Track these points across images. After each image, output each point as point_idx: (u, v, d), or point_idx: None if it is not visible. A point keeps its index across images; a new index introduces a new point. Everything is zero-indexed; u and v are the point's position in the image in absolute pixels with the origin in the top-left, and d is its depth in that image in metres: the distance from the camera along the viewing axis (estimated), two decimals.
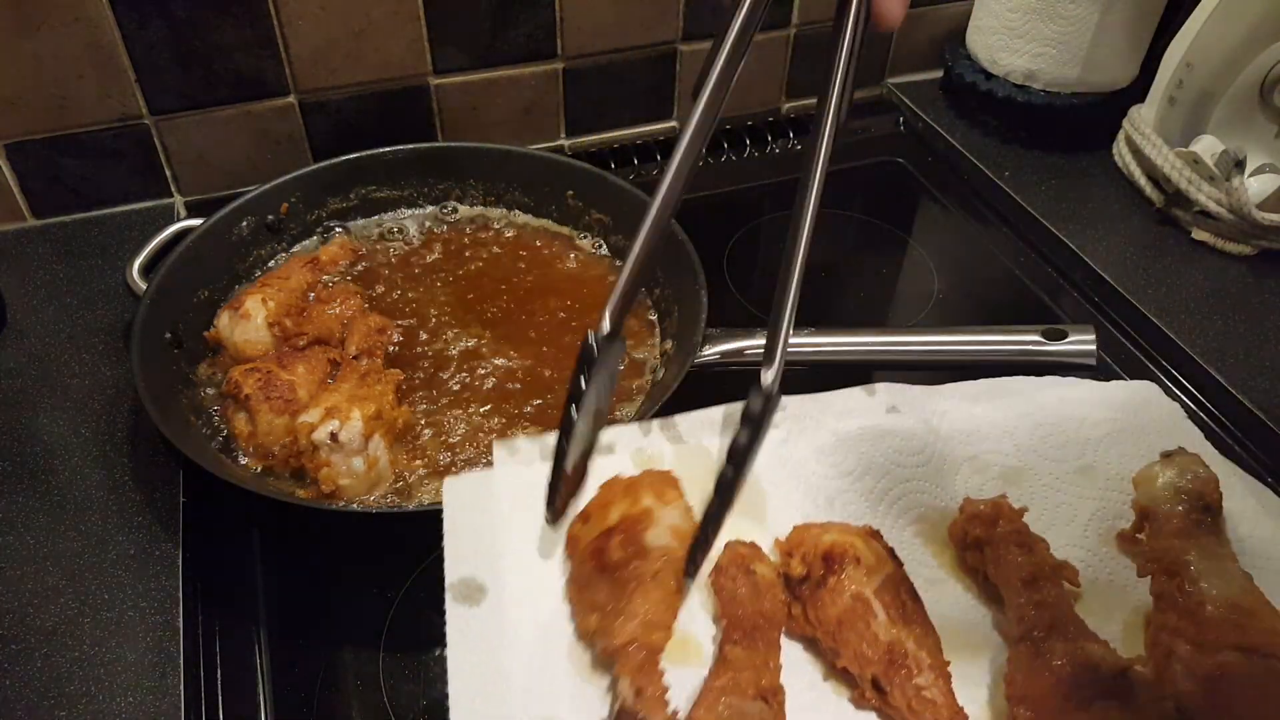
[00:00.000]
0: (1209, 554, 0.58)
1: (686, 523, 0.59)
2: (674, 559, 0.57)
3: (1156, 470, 0.64)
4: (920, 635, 0.56)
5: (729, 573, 0.59)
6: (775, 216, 1.05)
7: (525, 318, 0.86)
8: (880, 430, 0.68)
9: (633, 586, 0.56)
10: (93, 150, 0.93)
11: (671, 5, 1.04)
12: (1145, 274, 0.93)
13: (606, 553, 0.57)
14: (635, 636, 0.54)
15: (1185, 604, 0.56)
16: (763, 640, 0.56)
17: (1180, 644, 0.54)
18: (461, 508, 0.62)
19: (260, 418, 0.71)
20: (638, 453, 0.66)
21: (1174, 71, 0.95)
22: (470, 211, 0.97)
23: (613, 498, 0.60)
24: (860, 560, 0.58)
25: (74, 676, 0.61)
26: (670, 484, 0.61)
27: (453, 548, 0.60)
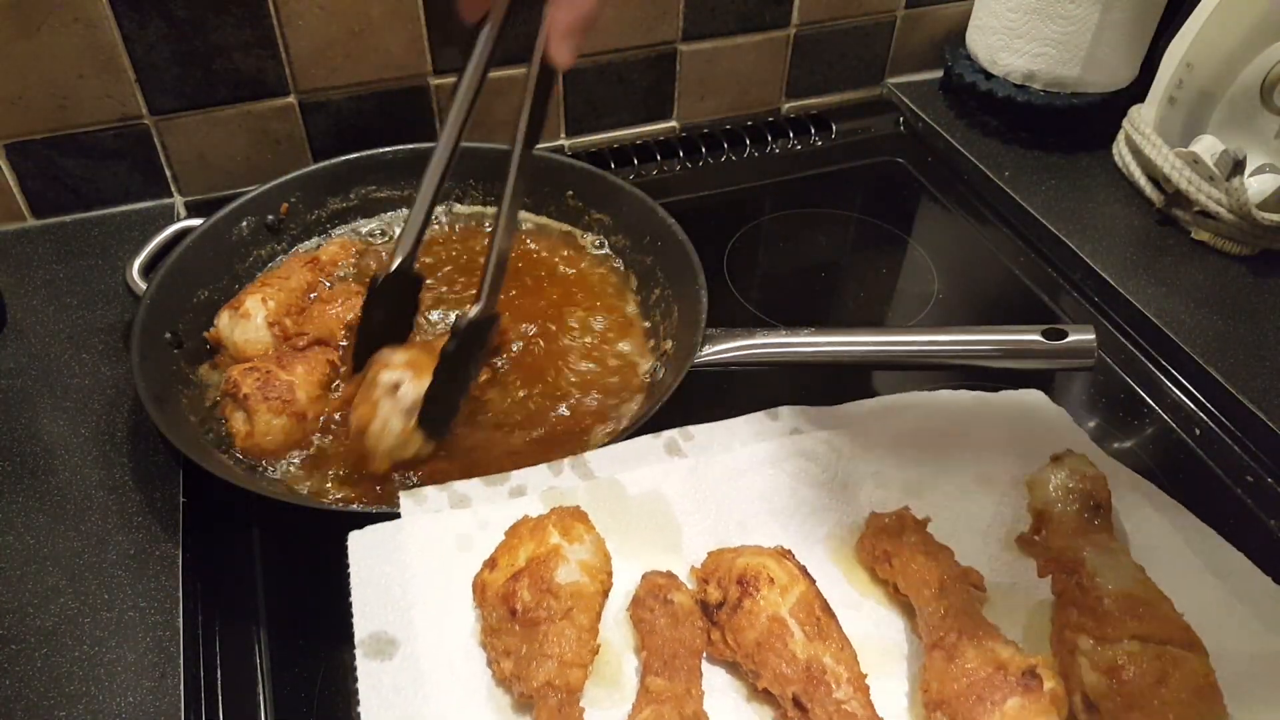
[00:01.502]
0: (1103, 550, 0.61)
1: (596, 557, 0.60)
2: (586, 595, 0.58)
3: (1048, 473, 0.66)
4: (837, 650, 0.57)
5: (646, 604, 0.60)
6: (775, 216, 1.05)
7: (524, 318, 0.86)
8: (785, 452, 0.70)
9: (545, 628, 0.56)
10: (93, 150, 0.93)
11: (671, 5, 1.04)
12: (1145, 274, 0.93)
13: (516, 596, 0.57)
14: (551, 678, 0.54)
15: (1084, 600, 0.58)
16: (684, 668, 0.57)
17: (1083, 638, 0.56)
18: (368, 561, 0.61)
19: (258, 418, 0.71)
20: (548, 492, 0.66)
21: (1174, 71, 0.95)
22: (470, 211, 0.97)
23: (520, 540, 0.60)
24: (774, 580, 0.59)
25: (74, 676, 0.61)
26: (578, 519, 0.61)
27: (361, 602, 0.59)
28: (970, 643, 0.56)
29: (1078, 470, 0.66)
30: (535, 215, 0.96)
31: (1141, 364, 0.86)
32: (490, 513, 0.64)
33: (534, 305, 0.87)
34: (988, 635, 0.57)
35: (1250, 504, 0.75)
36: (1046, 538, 0.64)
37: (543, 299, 0.87)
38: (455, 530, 0.64)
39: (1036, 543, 0.65)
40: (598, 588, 0.59)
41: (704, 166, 1.11)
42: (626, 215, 0.90)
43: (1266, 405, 0.79)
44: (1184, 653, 0.55)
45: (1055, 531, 0.64)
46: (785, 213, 1.06)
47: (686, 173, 1.10)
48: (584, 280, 0.90)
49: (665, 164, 1.11)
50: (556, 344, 0.83)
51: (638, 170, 1.09)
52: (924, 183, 1.11)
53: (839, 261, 1.02)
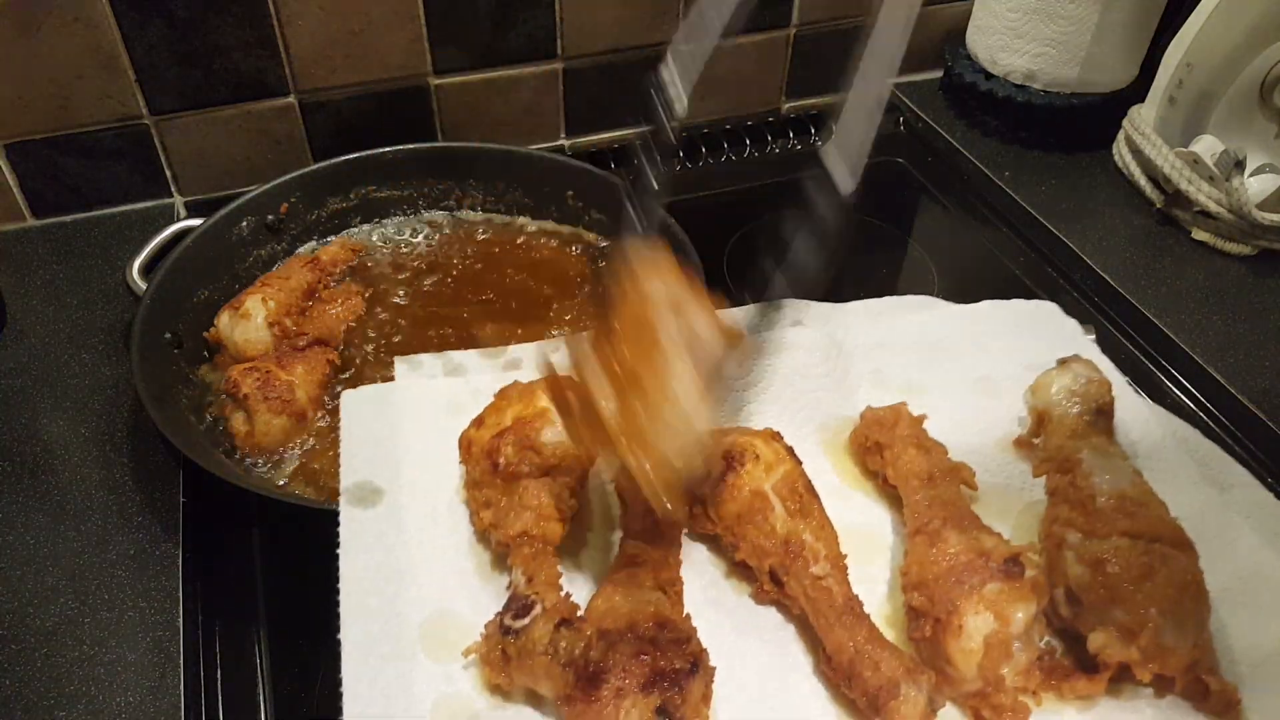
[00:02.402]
0: (1101, 451, 0.61)
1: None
2: (569, 458, 0.58)
3: (1053, 376, 0.66)
4: (817, 528, 0.57)
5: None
6: (775, 217, 1.05)
7: (524, 317, 0.86)
8: (785, 343, 0.69)
9: (525, 483, 0.56)
10: (93, 150, 0.93)
11: (671, 5, 1.04)
12: (1145, 274, 0.93)
13: (499, 451, 0.57)
14: (527, 528, 0.55)
15: (1077, 497, 0.58)
16: (664, 537, 0.58)
17: (1071, 533, 0.56)
18: (360, 417, 0.62)
19: (258, 418, 0.71)
20: (544, 365, 0.65)
21: (1174, 71, 0.95)
22: (470, 211, 0.97)
23: (508, 401, 0.60)
24: (759, 457, 0.59)
25: (74, 676, 0.61)
26: (569, 385, 0.58)
27: (350, 455, 0.60)
28: (954, 530, 0.56)
29: (1083, 374, 0.65)
30: (535, 216, 0.96)
31: (1141, 363, 0.86)
32: (483, 382, 0.65)
33: (534, 305, 0.87)
34: (973, 525, 0.57)
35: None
36: (1045, 440, 0.64)
37: (543, 299, 0.87)
38: (447, 395, 0.64)
39: (1034, 446, 0.65)
40: (582, 451, 0.59)
41: (704, 166, 1.11)
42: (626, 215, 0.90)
43: (1266, 405, 0.79)
44: (1172, 550, 0.54)
45: (1054, 432, 0.63)
46: (785, 213, 1.05)
47: (686, 173, 1.10)
48: (584, 280, 0.90)
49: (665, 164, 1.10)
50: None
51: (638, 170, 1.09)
52: (924, 183, 1.10)
53: (839, 261, 1.01)
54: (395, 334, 0.84)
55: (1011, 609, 0.52)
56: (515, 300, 0.87)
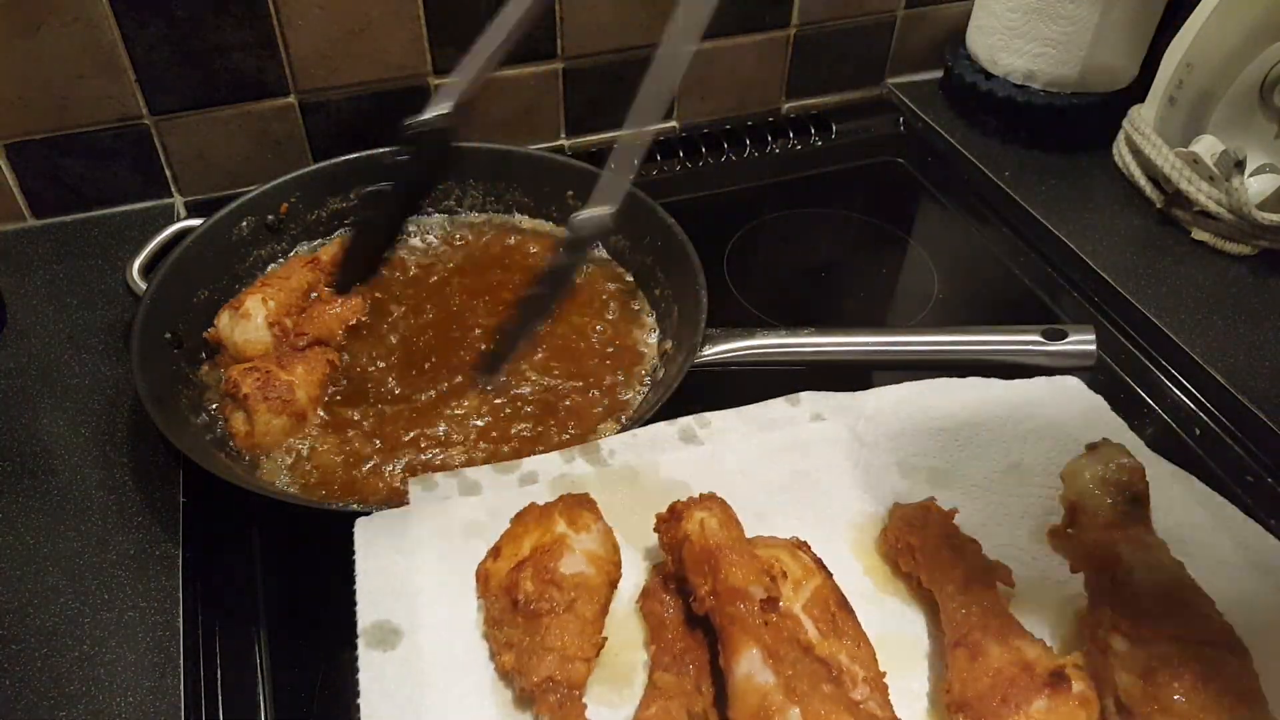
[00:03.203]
0: (1140, 545, 0.58)
1: (604, 548, 0.58)
2: (591, 587, 0.56)
3: (1083, 463, 0.63)
4: (853, 648, 0.55)
5: (657, 596, 0.58)
6: (775, 217, 1.05)
7: None
8: (806, 440, 0.68)
9: (547, 621, 0.54)
10: (93, 150, 0.93)
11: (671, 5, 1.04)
12: (1145, 274, 0.93)
13: (518, 587, 0.55)
14: (552, 673, 0.52)
15: (1119, 597, 0.55)
16: (694, 664, 0.55)
17: (1116, 638, 0.53)
18: (374, 548, 0.60)
19: (258, 417, 0.71)
20: (558, 480, 0.64)
21: (1174, 71, 0.95)
22: (470, 212, 0.97)
23: (525, 529, 0.58)
24: (787, 574, 0.57)
25: (74, 676, 0.61)
26: (585, 507, 0.60)
27: (365, 590, 0.58)
28: (995, 641, 0.54)
29: (1114, 460, 0.62)
30: (535, 216, 0.96)
31: (1141, 364, 0.86)
32: (500, 500, 0.63)
33: None
34: (1014, 634, 0.54)
35: (1250, 504, 0.74)
36: (1080, 531, 0.61)
37: None
38: (464, 517, 0.62)
39: (1069, 536, 0.62)
40: (604, 579, 0.57)
41: (704, 166, 1.11)
42: (626, 215, 0.89)
43: (1266, 405, 0.79)
44: (1225, 655, 0.52)
45: (1089, 524, 0.60)
46: (785, 213, 1.06)
47: (686, 173, 1.10)
48: (584, 281, 0.90)
49: (665, 164, 1.11)
50: (556, 344, 0.83)
51: (638, 170, 1.09)
52: (924, 183, 1.10)
53: (839, 261, 1.02)
54: (393, 333, 0.84)
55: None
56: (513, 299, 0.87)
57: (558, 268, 0.65)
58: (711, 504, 0.58)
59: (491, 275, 0.90)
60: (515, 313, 0.64)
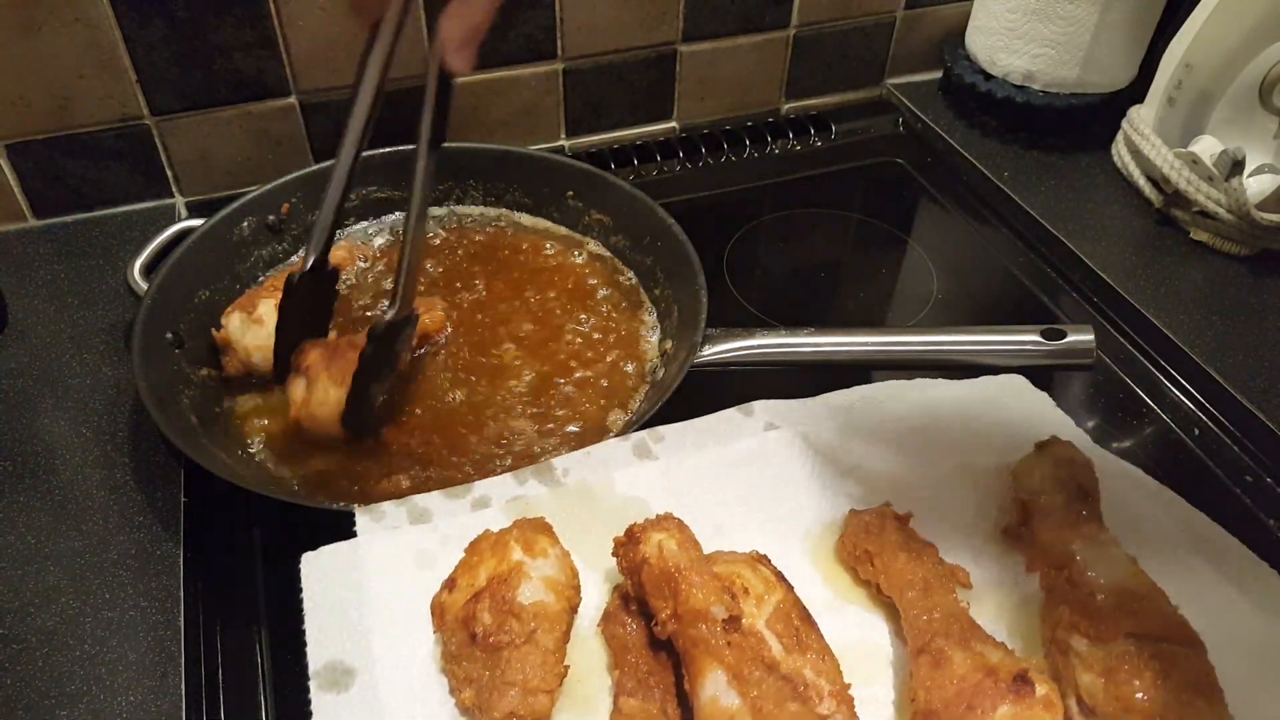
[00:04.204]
0: (1093, 542, 0.59)
1: (562, 573, 0.57)
2: (551, 615, 0.54)
3: (1033, 461, 0.64)
4: (817, 661, 0.54)
5: (619, 618, 0.57)
6: (775, 217, 1.05)
7: (524, 318, 0.86)
8: (760, 450, 0.67)
9: (507, 654, 0.52)
10: (94, 150, 0.94)
11: (671, 5, 1.04)
12: (1144, 274, 0.93)
13: (476, 619, 0.53)
14: (515, 708, 0.51)
15: (1076, 596, 0.56)
16: (659, 686, 0.54)
17: (1076, 638, 0.54)
18: (323, 584, 0.58)
19: (317, 386, 0.72)
20: (512, 503, 0.63)
21: (1173, 72, 0.95)
22: (470, 212, 0.97)
23: (480, 558, 0.57)
24: (749, 590, 0.56)
25: (75, 676, 0.61)
26: (541, 531, 0.58)
27: (316, 629, 0.56)
28: (958, 647, 0.54)
29: (1063, 457, 0.64)
30: (535, 216, 0.96)
31: (1141, 364, 0.87)
32: (452, 527, 0.61)
33: (534, 305, 0.87)
34: (976, 638, 0.55)
35: (1250, 504, 0.75)
36: (1034, 530, 0.62)
37: (543, 299, 0.88)
38: (415, 547, 0.60)
39: (1023, 535, 0.63)
40: (564, 605, 0.56)
41: (704, 166, 1.11)
42: (626, 216, 0.90)
43: (1266, 405, 0.79)
44: (1182, 650, 0.53)
45: (1042, 523, 0.61)
46: (785, 213, 1.06)
47: (686, 173, 1.10)
48: (584, 280, 0.90)
49: (665, 164, 1.11)
50: (556, 344, 0.83)
51: (638, 170, 1.09)
52: (923, 183, 1.11)
53: (839, 261, 1.02)
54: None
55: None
56: (515, 300, 0.87)
57: (372, 358, 0.70)
58: (669, 525, 0.57)
59: (489, 274, 0.90)
60: (360, 375, 0.70)
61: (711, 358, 0.76)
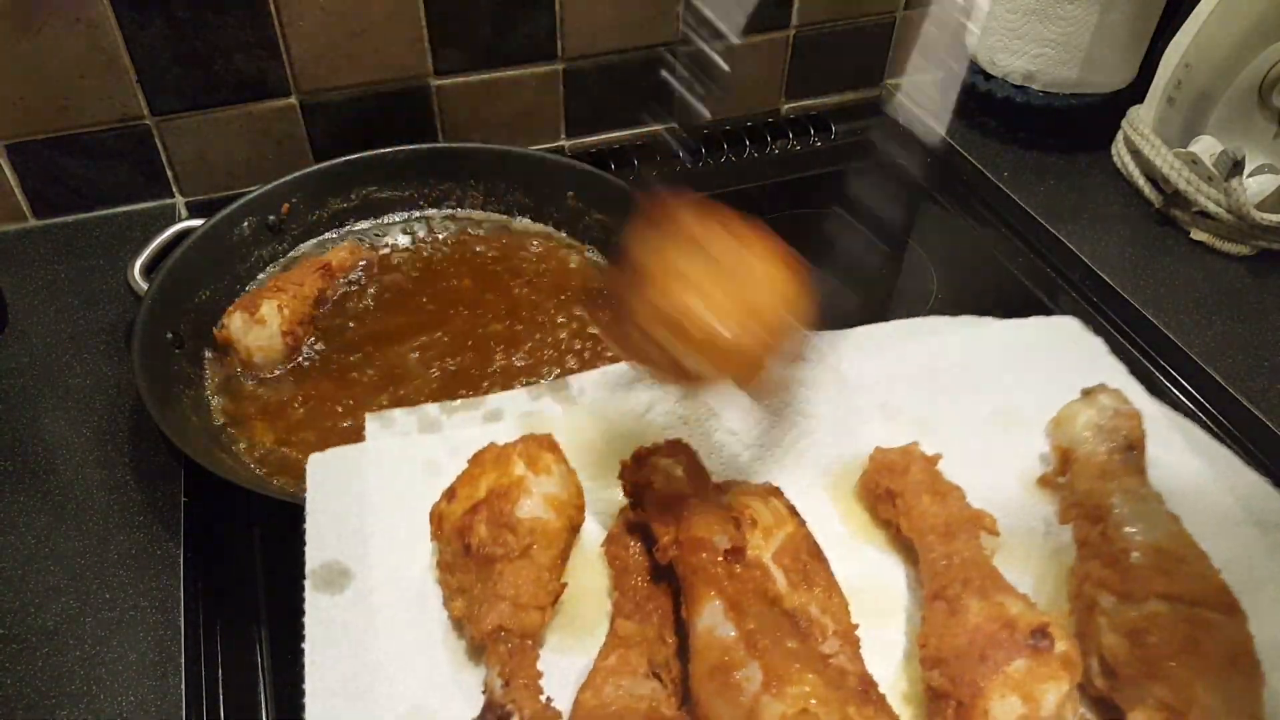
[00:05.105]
0: (1133, 496, 0.55)
1: (565, 491, 0.54)
2: (549, 532, 0.52)
3: (1077, 408, 0.60)
4: (824, 599, 0.52)
5: (622, 541, 0.55)
6: (775, 216, 1.05)
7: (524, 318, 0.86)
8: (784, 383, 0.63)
9: (500, 567, 0.51)
10: (94, 150, 0.94)
11: (671, 5, 1.04)
12: (1144, 274, 0.93)
13: (471, 530, 0.52)
14: (503, 621, 0.49)
15: (1109, 552, 0.53)
16: (658, 611, 0.52)
17: (1104, 595, 0.51)
18: (327, 485, 0.57)
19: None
20: (523, 418, 0.61)
21: (1173, 72, 0.95)
22: (471, 212, 0.97)
23: (482, 469, 0.55)
24: (757, 522, 0.54)
25: (75, 675, 0.61)
26: (547, 448, 0.56)
27: (315, 530, 0.55)
28: (975, 595, 0.50)
29: (1110, 406, 0.59)
30: (535, 217, 0.96)
31: (1141, 364, 0.86)
32: (461, 438, 0.59)
33: (533, 305, 0.87)
34: (996, 587, 0.51)
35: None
36: (1071, 480, 0.58)
37: (542, 299, 0.88)
38: (423, 455, 0.59)
39: (1060, 485, 0.59)
40: (564, 523, 0.54)
41: (704, 167, 1.11)
42: (626, 216, 0.90)
43: (1266, 405, 0.79)
44: (1217, 616, 0.49)
45: (1081, 473, 0.57)
46: (785, 213, 1.06)
47: (687, 172, 1.10)
48: (584, 281, 0.90)
49: (665, 164, 1.11)
50: (555, 344, 0.83)
51: (638, 170, 1.09)
52: (924, 183, 1.11)
53: (839, 261, 1.02)
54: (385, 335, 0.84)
55: (1041, 688, 0.46)
56: (514, 300, 0.87)
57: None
58: (677, 450, 0.56)
59: (489, 275, 0.90)
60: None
61: None
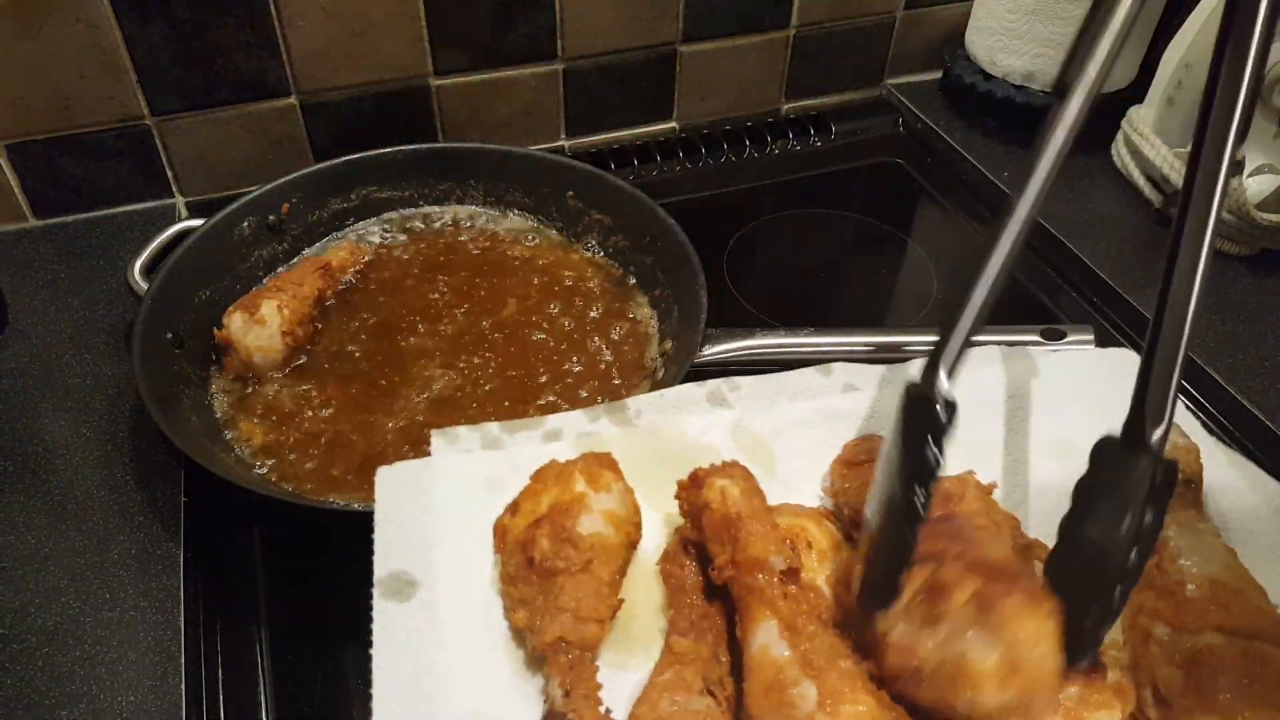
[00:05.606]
0: (1189, 529, 0.56)
1: (623, 508, 0.56)
2: (608, 547, 0.54)
3: None
4: None
5: (677, 559, 0.56)
6: (775, 217, 1.05)
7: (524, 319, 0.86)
8: (837, 410, 0.66)
9: (561, 580, 0.52)
10: (94, 150, 0.94)
11: (671, 5, 1.04)
12: (1144, 274, 0.93)
13: (534, 544, 0.54)
14: (565, 633, 0.51)
15: (1164, 583, 0.53)
16: (712, 629, 0.54)
17: (1159, 626, 0.51)
18: (394, 498, 0.59)
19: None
20: (581, 438, 0.63)
21: (1173, 72, 0.95)
22: (471, 212, 0.97)
23: (544, 485, 0.57)
24: (812, 545, 0.55)
25: (75, 675, 0.61)
26: (607, 466, 0.58)
27: (383, 540, 0.57)
28: None
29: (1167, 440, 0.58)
30: (535, 216, 0.96)
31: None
32: (522, 456, 0.62)
33: (533, 305, 0.87)
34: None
35: None
36: None
37: (542, 299, 0.88)
38: (485, 471, 0.61)
39: None
40: (622, 540, 0.55)
41: (704, 166, 1.11)
42: (626, 216, 0.90)
43: (1266, 405, 0.79)
44: (1273, 649, 0.49)
45: None
46: (785, 213, 1.06)
47: (686, 173, 1.10)
48: (584, 281, 0.90)
49: (665, 164, 1.11)
50: (555, 344, 0.83)
51: (638, 170, 1.10)
52: (923, 183, 1.11)
53: (839, 261, 1.02)
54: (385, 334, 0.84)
55: (1093, 716, 0.47)
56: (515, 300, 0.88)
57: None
58: (734, 471, 0.57)
59: (489, 275, 0.90)
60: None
61: (711, 358, 0.76)
